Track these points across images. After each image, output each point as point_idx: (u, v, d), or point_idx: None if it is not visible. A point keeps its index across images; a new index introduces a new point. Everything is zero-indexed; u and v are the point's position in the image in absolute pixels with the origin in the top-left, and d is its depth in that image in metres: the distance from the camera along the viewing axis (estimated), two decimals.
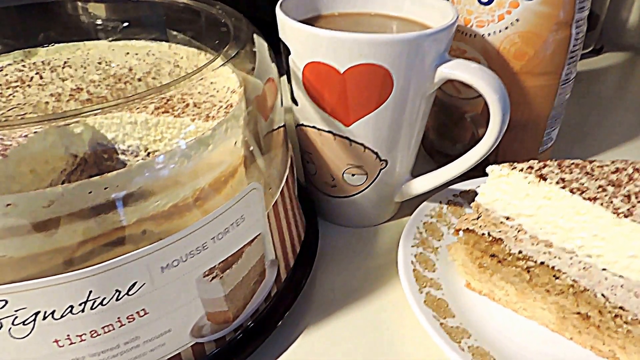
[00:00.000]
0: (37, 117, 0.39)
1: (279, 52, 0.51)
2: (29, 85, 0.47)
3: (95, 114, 0.34)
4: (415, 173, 0.58)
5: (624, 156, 0.77)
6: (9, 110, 0.43)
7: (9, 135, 0.37)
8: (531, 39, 0.56)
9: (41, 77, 0.49)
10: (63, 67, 0.51)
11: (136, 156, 0.44)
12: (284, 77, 0.53)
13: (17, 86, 0.47)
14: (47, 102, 0.45)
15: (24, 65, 0.51)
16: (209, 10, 0.51)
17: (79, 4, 0.58)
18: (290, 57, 0.50)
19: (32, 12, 0.55)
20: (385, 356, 0.46)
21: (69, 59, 0.52)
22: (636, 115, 0.90)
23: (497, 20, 0.56)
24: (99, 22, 0.58)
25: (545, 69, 0.58)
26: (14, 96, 0.45)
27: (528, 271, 0.46)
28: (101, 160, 0.44)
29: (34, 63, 0.51)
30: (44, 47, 0.54)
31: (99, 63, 0.52)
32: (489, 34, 0.57)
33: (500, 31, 0.56)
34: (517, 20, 0.55)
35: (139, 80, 0.49)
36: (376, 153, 0.53)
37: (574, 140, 0.81)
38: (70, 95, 0.46)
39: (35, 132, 0.38)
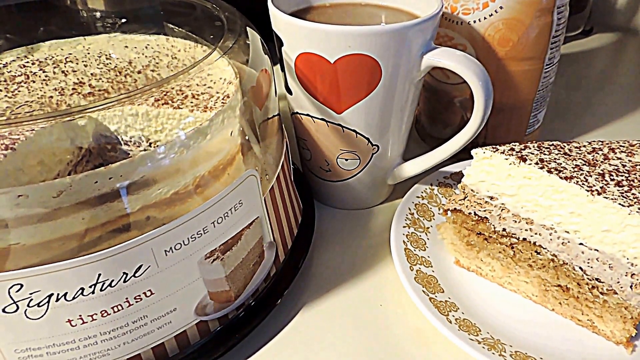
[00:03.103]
0: (44, 113, 0.42)
1: (272, 41, 0.53)
2: (33, 81, 0.49)
3: (100, 110, 0.36)
4: (409, 156, 0.60)
5: (612, 136, 0.78)
6: (18, 107, 0.44)
7: (17, 130, 0.39)
8: (515, 26, 0.58)
9: (44, 72, 0.50)
10: (65, 62, 0.52)
11: (138, 147, 0.46)
12: (277, 67, 0.54)
13: (22, 81, 0.48)
14: (51, 97, 0.46)
15: (27, 61, 0.52)
16: (203, 4, 0.53)
17: None
18: (283, 48, 0.52)
19: (32, 9, 0.57)
20: (378, 330, 0.48)
21: (70, 54, 0.54)
22: (625, 96, 0.92)
23: (481, 8, 0.58)
24: (98, 16, 0.59)
25: (528, 54, 0.60)
26: (19, 91, 0.47)
27: (512, 247, 0.49)
28: (105, 151, 0.45)
29: (37, 59, 0.52)
30: (45, 42, 0.55)
31: (100, 57, 0.53)
32: (474, 21, 0.59)
33: (485, 18, 0.58)
34: (501, 7, 0.57)
35: (139, 72, 0.51)
36: (368, 138, 0.54)
37: (563, 121, 0.83)
38: (73, 89, 0.47)
39: (42, 127, 0.40)
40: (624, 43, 1.15)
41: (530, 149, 0.47)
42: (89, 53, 0.54)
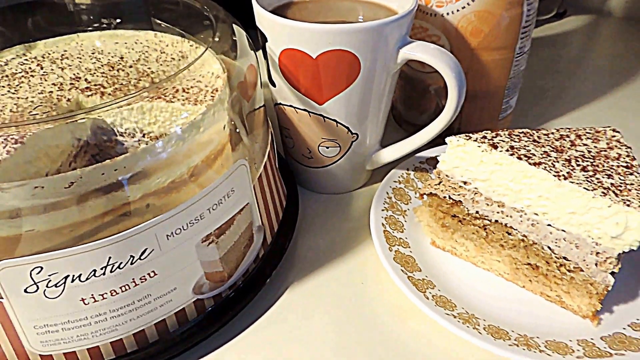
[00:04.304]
0: (48, 117, 0.44)
1: (256, 36, 0.55)
2: (32, 76, 0.51)
3: (100, 110, 0.39)
4: (386, 142, 0.63)
5: (583, 119, 0.81)
6: (26, 104, 0.47)
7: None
8: (486, 17, 0.60)
9: (42, 69, 0.52)
10: (61, 59, 0.54)
11: (133, 137, 0.48)
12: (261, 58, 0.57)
13: (22, 77, 0.51)
14: (51, 92, 0.48)
15: (26, 59, 0.54)
16: (191, 2, 0.55)
17: None
18: (267, 44, 0.54)
19: (26, 8, 0.58)
20: (360, 307, 0.51)
21: (65, 50, 0.56)
22: (597, 79, 0.93)
23: (454, 1, 0.60)
24: (86, 12, 0.61)
25: (500, 44, 0.63)
26: (20, 87, 0.49)
27: (484, 229, 0.52)
28: (102, 142, 0.47)
29: (34, 56, 0.55)
30: (41, 40, 0.57)
31: (92, 53, 0.55)
32: (447, 13, 0.61)
33: (457, 10, 0.60)
34: (473, 0, 0.60)
35: (130, 67, 0.52)
36: (348, 127, 0.57)
37: (536, 106, 0.85)
38: (70, 84, 0.49)
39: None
40: (597, 25, 1.16)
41: (501, 136, 0.49)
42: (82, 49, 0.56)
